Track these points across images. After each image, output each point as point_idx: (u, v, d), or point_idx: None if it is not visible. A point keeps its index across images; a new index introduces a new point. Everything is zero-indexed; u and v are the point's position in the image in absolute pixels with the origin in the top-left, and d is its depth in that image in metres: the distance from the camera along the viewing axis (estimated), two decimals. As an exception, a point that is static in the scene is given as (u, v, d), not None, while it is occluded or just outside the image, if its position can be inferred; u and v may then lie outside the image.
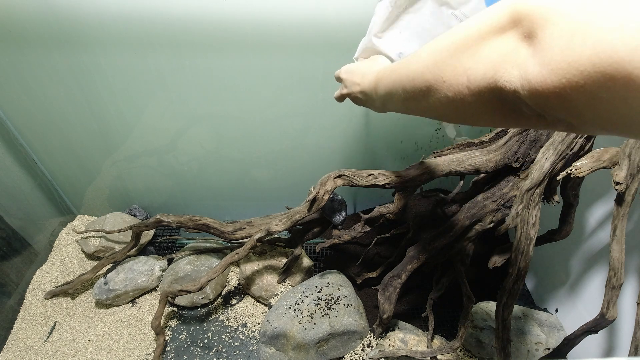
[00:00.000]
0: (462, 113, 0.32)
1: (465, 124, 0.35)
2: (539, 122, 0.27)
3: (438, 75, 0.31)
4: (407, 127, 1.18)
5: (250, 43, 0.91)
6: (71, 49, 0.90)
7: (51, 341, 1.04)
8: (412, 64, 0.36)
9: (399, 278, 0.92)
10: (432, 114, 0.37)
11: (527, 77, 0.23)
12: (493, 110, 0.29)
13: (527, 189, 0.76)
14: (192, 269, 1.13)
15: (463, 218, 0.87)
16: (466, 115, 0.32)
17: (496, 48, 0.26)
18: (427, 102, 0.34)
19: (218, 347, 1.05)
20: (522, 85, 0.24)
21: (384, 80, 0.44)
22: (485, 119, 0.31)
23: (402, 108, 0.42)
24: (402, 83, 0.38)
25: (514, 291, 0.80)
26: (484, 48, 0.27)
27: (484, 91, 0.27)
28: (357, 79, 0.55)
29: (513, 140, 0.83)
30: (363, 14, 0.87)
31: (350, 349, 1.04)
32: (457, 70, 0.29)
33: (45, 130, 1.08)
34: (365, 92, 0.53)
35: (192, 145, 1.16)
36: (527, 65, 0.23)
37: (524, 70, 0.23)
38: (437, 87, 0.31)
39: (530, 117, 0.27)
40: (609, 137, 0.82)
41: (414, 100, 0.37)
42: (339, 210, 1.00)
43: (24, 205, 1.15)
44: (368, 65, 0.56)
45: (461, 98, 0.30)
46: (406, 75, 0.37)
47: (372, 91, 0.50)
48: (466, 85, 0.28)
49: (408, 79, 0.36)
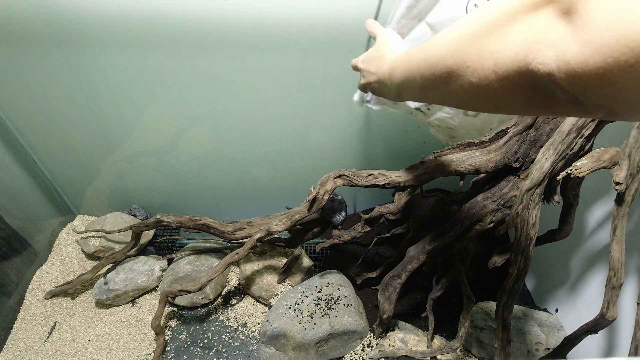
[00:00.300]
0: (486, 100, 0.30)
1: (488, 112, 0.33)
2: (575, 108, 0.24)
3: (461, 59, 0.29)
4: (407, 127, 1.18)
5: (250, 43, 0.90)
6: (71, 49, 0.90)
7: (51, 341, 1.04)
8: (431, 49, 0.34)
9: (399, 278, 0.92)
10: (451, 102, 0.35)
11: (565, 58, 0.21)
12: (522, 96, 0.27)
13: (527, 189, 0.76)
14: (192, 269, 1.13)
15: (463, 218, 0.87)
16: (491, 102, 0.30)
17: (528, 27, 0.24)
18: (448, 90, 0.32)
19: (218, 347, 1.05)
20: (558, 67, 0.22)
21: (400, 68, 0.42)
22: (512, 106, 0.29)
23: (419, 96, 0.40)
24: (420, 70, 0.36)
25: (514, 291, 0.80)
26: (514, 28, 0.25)
27: (514, 75, 0.25)
28: (372, 68, 0.53)
29: (513, 140, 0.83)
30: (363, 14, 0.87)
31: (350, 349, 1.04)
32: (482, 53, 0.27)
33: (45, 130, 1.08)
34: (380, 80, 0.50)
35: (192, 145, 1.16)
36: (565, 44, 0.21)
37: (562, 51, 0.21)
38: (460, 72, 0.29)
39: (564, 103, 0.24)
40: (609, 137, 0.82)
41: (433, 88, 0.35)
42: (339, 210, 1.00)
43: (24, 205, 1.15)
44: (383, 53, 0.52)
45: (487, 84, 0.27)
46: (425, 61, 0.35)
47: (387, 79, 0.48)
48: (493, 69, 0.26)
49: (427, 65, 0.34)
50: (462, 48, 0.29)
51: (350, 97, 0.98)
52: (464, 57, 0.29)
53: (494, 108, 0.31)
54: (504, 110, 0.30)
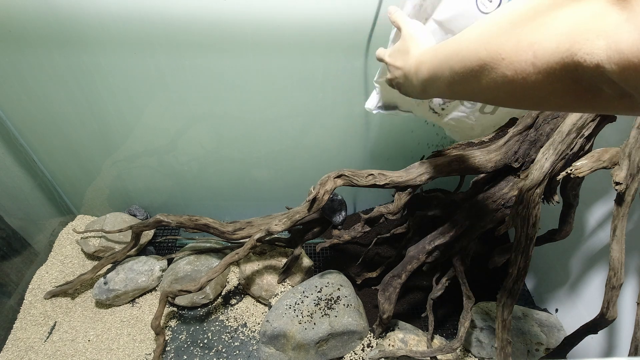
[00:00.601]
0: (521, 95, 0.28)
1: (521, 108, 0.31)
2: (622, 103, 0.23)
3: (495, 51, 0.27)
4: (407, 127, 1.18)
5: (250, 43, 0.90)
6: (71, 49, 0.90)
7: (51, 341, 1.04)
8: (462, 41, 0.32)
9: (399, 278, 0.92)
10: (481, 97, 0.34)
11: (618, 47, 0.19)
12: (562, 91, 0.25)
13: (527, 189, 0.76)
14: (192, 269, 1.13)
15: (463, 218, 0.87)
16: (526, 97, 0.28)
17: (573, 15, 0.22)
18: (479, 84, 0.31)
19: (218, 347, 1.05)
20: (609, 58, 0.20)
21: (427, 63, 0.41)
22: (550, 101, 0.27)
23: (446, 92, 0.39)
24: (450, 63, 0.34)
25: (514, 291, 0.80)
26: (557, 17, 0.23)
27: (555, 68, 0.24)
28: (398, 63, 0.51)
29: (513, 140, 0.83)
30: (363, 14, 0.87)
31: (350, 349, 1.04)
32: (520, 44, 0.25)
33: (45, 130, 1.08)
34: (406, 76, 0.49)
35: (192, 145, 1.16)
36: (618, 32, 0.19)
37: (614, 39, 0.20)
38: (493, 65, 0.28)
39: (610, 97, 0.23)
40: (609, 137, 0.82)
41: (463, 82, 0.33)
42: (339, 210, 1.00)
43: (24, 205, 1.15)
44: (410, 47, 0.50)
45: (523, 77, 0.26)
46: (455, 54, 0.33)
47: (413, 75, 0.46)
48: (531, 61, 0.25)
49: (457, 59, 0.33)
50: (496, 39, 0.28)
51: (350, 97, 0.99)
52: (499, 49, 0.27)
53: (528, 103, 0.29)
54: (540, 106, 0.29)
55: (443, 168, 0.82)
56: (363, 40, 0.92)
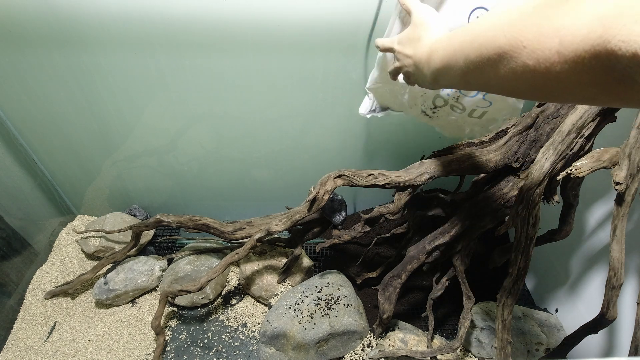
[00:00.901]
0: (543, 86, 0.26)
1: (542, 100, 0.30)
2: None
3: (516, 38, 0.25)
4: (407, 127, 1.18)
5: (250, 43, 0.90)
6: (71, 49, 0.90)
7: (51, 341, 1.04)
8: (479, 27, 0.30)
9: (399, 278, 0.92)
10: (498, 88, 0.31)
11: None
12: (591, 82, 0.23)
13: (527, 189, 0.76)
14: (192, 269, 1.13)
15: (463, 218, 0.87)
16: (549, 89, 0.26)
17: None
18: (496, 74, 0.29)
19: (218, 347, 1.05)
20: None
21: (440, 51, 0.39)
22: (575, 93, 0.25)
23: (460, 82, 0.36)
24: (465, 52, 0.32)
25: (514, 291, 0.80)
26: (587, 0, 0.21)
27: (584, 56, 0.22)
28: (408, 51, 0.48)
29: (513, 140, 0.83)
30: (363, 14, 0.87)
31: (350, 349, 1.04)
32: (544, 30, 0.23)
33: (45, 130, 1.08)
34: (417, 65, 0.46)
35: (192, 145, 1.16)
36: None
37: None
38: (513, 53, 0.26)
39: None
40: (609, 137, 0.82)
41: (478, 72, 0.31)
42: (339, 210, 1.00)
43: (24, 205, 1.15)
44: (421, 34, 0.47)
45: (546, 67, 0.24)
46: (471, 42, 0.31)
47: (424, 64, 0.44)
48: (556, 49, 0.23)
49: (473, 46, 0.31)
50: (517, 25, 0.25)
51: (350, 97, 0.99)
52: (520, 35, 0.25)
53: (550, 95, 0.27)
54: (563, 98, 0.27)
55: (443, 168, 0.82)
56: (363, 40, 0.92)
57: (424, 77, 0.45)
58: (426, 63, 0.43)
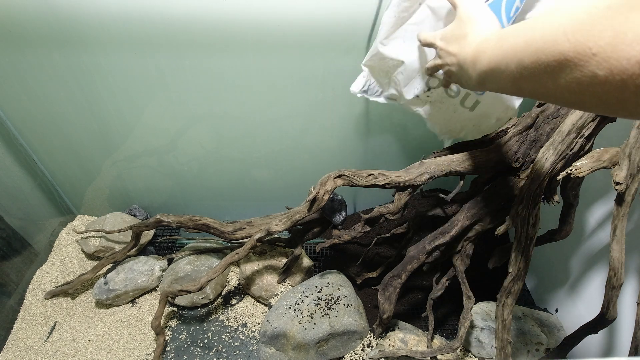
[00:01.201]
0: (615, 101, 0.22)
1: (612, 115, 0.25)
2: None
3: (583, 44, 0.22)
4: (407, 127, 1.18)
5: (250, 43, 0.90)
6: (71, 49, 0.90)
7: (51, 341, 1.04)
8: (536, 28, 0.26)
9: (399, 278, 0.92)
10: (558, 99, 0.27)
11: None
12: None
13: (527, 189, 0.76)
14: (192, 269, 1.13)
15: (463, 218, 0.87)
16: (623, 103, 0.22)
17: None
18: (555, 84, 0.25)
19: (218, 347, 1.05)
20: None
21: (489, 52, 0.35)
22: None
23: (511, 89, 0.33)
24: (518, 56, 0.29)
25: (514, 291, 0.80)
26: None
27: None
28: (453, 49, 0.45)
29: (513, 140, 0.83)
30: (363, 14, 0.87)
31: (350, 349, 1.04)
32: (620, 37, 0.20)
33: (45, 130, 1.08)
34: (461, 65, 0.43)
35: (192, 145, 1.16)
36: None
37: None
38: (579, 61, 0.22)
39: None
40: (609, 137, 0.82)
41: (534, 80, 0.27)
42: (339, 210, 1.00)
43: (24, 205, 1.15)
44: (468, 32, 0.43)
45: (622, 79, 0.20)
46: (526, 45, 0.27)
47: (469, 65, 0.40)
48: (636, 59, 0.19)
49: (529, 51, 0.27)
50: (586, 29, 0.22)
51: (351, 97, 0.98)
52: (589, 42, 0.21)
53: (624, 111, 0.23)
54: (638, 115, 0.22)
55: (443, 168, 0.82)
56: (363, 40, 0.92)
57: (469, 79, 0.41)
58: (472, 63, 0.40)
